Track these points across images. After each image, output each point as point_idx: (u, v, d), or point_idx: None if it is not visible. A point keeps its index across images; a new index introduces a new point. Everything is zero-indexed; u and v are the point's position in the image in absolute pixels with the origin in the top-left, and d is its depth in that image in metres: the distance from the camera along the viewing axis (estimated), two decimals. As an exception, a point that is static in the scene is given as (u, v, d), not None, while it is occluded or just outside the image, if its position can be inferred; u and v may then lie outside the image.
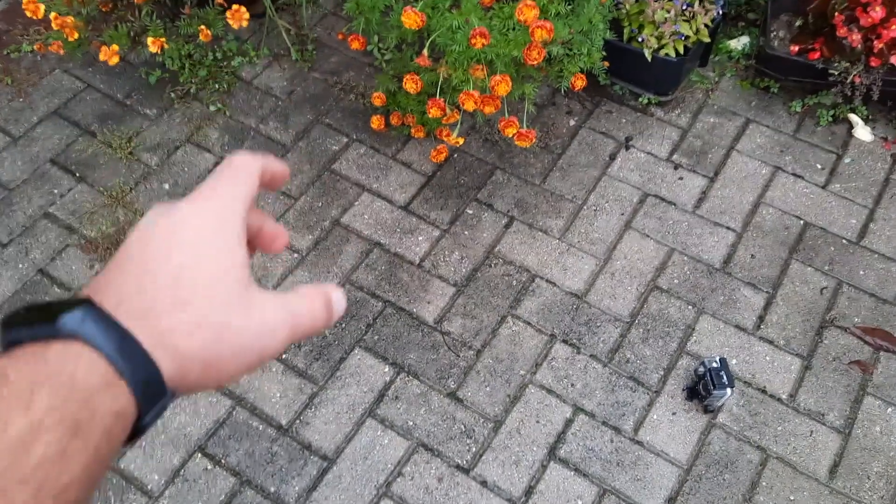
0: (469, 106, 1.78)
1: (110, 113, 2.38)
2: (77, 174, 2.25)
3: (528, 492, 1.75)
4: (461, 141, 2.03)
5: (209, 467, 1.77)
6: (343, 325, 1.98)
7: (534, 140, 1.86)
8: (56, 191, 2.21)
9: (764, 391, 1.89)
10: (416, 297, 2.03)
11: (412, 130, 2.24)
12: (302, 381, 1.89)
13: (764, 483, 1.77)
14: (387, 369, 1.92)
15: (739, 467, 1.79)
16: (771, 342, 1.97)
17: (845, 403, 1.88)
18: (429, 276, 2.07)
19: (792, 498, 1.75)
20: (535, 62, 1.74)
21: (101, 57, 2.11)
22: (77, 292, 1.29)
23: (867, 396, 1.88)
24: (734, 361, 1.93)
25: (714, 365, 1.78)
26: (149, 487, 1.74)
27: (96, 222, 2.15)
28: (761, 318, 2.01)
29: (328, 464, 1.78)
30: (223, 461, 1.78)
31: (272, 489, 1.74)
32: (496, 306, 2.02)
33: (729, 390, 1.75)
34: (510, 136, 1.86)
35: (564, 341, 1.96)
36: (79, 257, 2.08)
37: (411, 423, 1.84)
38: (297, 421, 1.83)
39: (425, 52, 1.79)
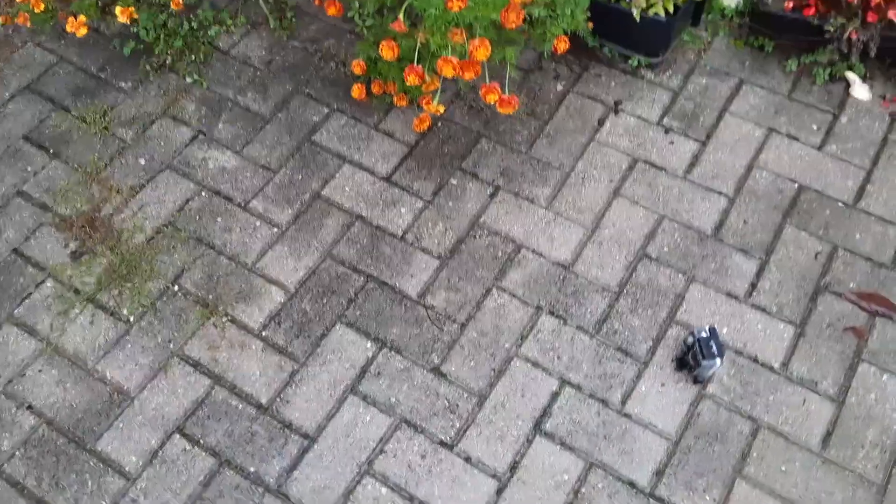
0: (448, 72, 1.71)
1: (84, 87, 2.32)
2: (51, 150, 2.19)
3: (513, 467, 1.72)
4: (442, 109, 1.96)
5: (188, 448, 1.73)
6: (324, 301, 1.93)
7: (517, 106, 1.79)
8: (29, 168, 2.15)
9: (756, 360, 1.84)
10: (399, 270, 1.98)
11: (394, 99, 2.17)
12: (282, 359, 1.85)
13: (755, 454, 1.73)
14: (369, 345, 1.87)
15: (729, 438, 1.75)
16: (763, 309, 1.92)
17: (839, 371, 1.83)
18: (412, 248, 2.02)
19: (784, 469, 1.71)
20: (514, 25, 1.66)
21: (69, 28, 2.05)
22: None
23: (862, 363, 1.84)
24: (725, 330, 1.88)
25: (703, 335, 1.74)
26: (126, 469, 1.71)
27: (71, 200, 2.09)
28: (753, 286, 1.95)
29: (309, 442, 1.75)
30: (202, 441, 1.74)
31: (252, 469, 1.71)
32: (481, 278, 1.97)
33: (718, 360, 1.71)
34: (492, 102, 1.79)
35: (551, 313, 1.92)
36: (53, 236, 2.03)
37: (394, 400, 1.80)
38: (278, 399, 1.80)
39: (401, 16, 1.72)
